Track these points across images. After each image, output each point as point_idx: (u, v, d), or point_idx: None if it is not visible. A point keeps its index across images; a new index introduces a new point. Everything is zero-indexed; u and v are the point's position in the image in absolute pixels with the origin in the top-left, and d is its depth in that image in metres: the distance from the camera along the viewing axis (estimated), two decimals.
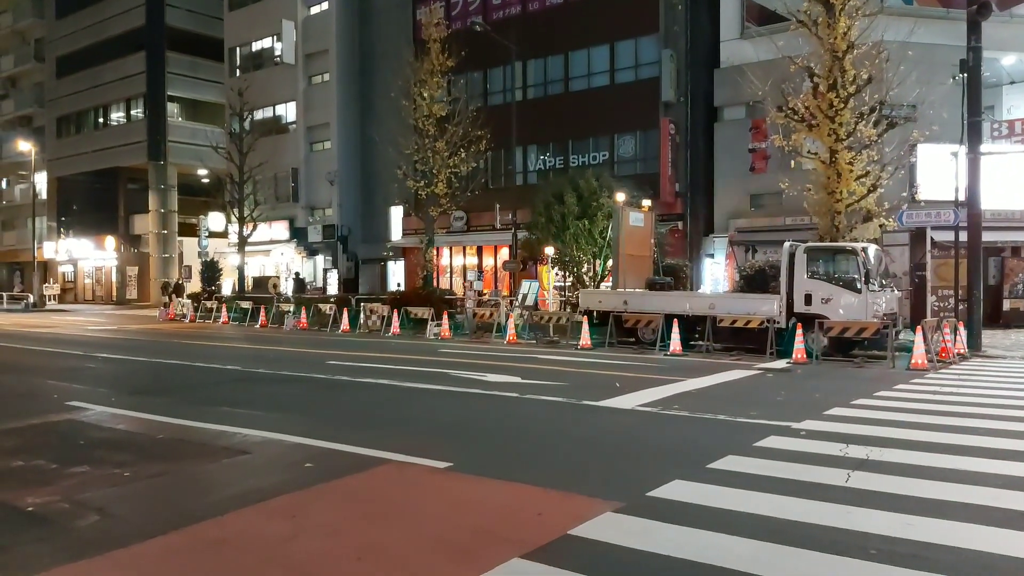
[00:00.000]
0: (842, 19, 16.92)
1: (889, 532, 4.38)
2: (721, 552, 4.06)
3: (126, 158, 45.08)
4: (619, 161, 27.99)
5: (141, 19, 43.70)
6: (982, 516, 4.69)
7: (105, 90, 46.47)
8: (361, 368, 12.79)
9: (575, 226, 21.66)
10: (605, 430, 7.68)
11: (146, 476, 5.82)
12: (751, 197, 25.52)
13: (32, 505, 5.03)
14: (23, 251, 50.29)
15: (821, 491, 5.21)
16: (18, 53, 54.25)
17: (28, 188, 46.04)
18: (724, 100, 26.28)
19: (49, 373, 12.44)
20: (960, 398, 9.45)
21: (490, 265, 31.10)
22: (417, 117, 25.53)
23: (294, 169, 38.00)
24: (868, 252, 14.65)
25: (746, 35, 25.31)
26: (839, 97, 16.93)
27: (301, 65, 37.64)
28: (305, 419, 8.20)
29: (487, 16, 30.36)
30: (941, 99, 20.08)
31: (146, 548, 4.23)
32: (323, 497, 5.24)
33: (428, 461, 6.11)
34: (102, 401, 9.25)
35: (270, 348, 17.13)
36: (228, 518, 4.74)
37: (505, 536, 4.39)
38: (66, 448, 6.76)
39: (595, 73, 28.74)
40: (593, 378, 11.55)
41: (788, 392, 10.24)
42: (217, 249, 36.63)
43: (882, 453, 6.32)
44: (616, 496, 5.07)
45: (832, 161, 17.20)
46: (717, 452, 6.31)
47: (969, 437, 6.99)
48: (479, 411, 8.92)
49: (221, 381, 11.61)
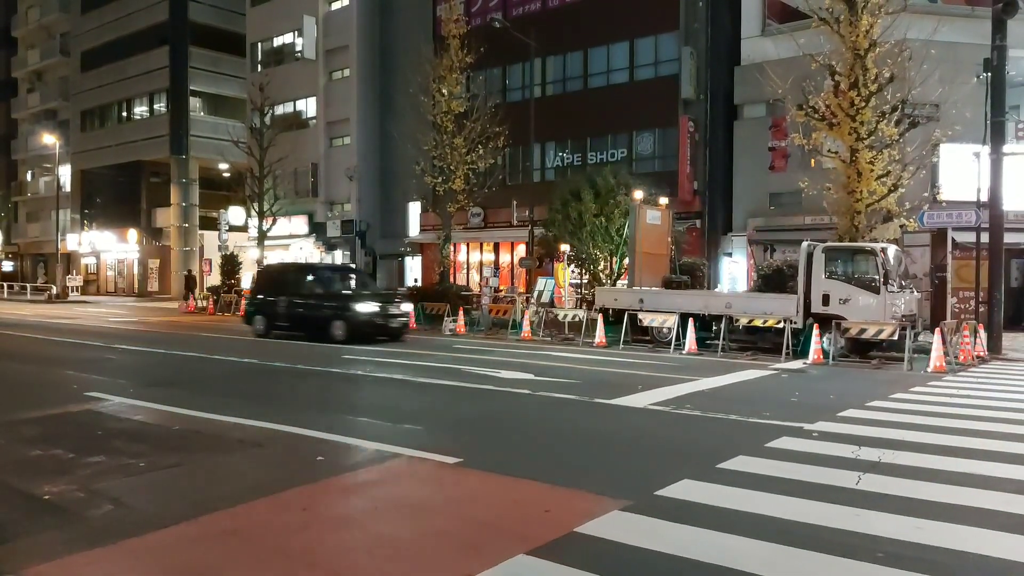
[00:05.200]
0: (864, 17, 16.72)
1: (898, 535, 4.36)
2: (727, 552, 4.06)
3: (149, 152, 45.58)
4: (637, 158, 27.90)
5: (165, 14, 44.14)
6: (992, 521, 4.65)
7: (129, 84, 47.01)
8: (375, 363, 12.86)
9: (592, 223, 21.61)
10: (616, 428, 7.68)
11: (161, 467, 5.91)
12: (770, 196, 25.33)
13: (48, 494, 5.13)
14: (47, 243, 51.02)
15: (831, 493, 5.19)
16: (44, 47, 54.96)
17: (52, 181, 46.63)
18: (744, 98, 26.10)
19: (70, 364, 12.63)
20: (976, 401, 9.35)
21: (507, 262, 31.14)
22: (436, 113, 25.56)
23: (314, 164, 38.24)
24: (888, 253, 14.50)
25: (767, 32, 25.12)
26: (860, 96, 16.74)
27: (322, 61, 37.84)
28: (318, 413, 8.27)
29: (507, 12, 30.36)
30: (965, 98, 19.81)
31: (158, 537, 4.30)
32: (334, 490, 5.30)
33: (439, 456, 6.15)
34: (121, 392, 9.39)
35: (287, 342, 17.26)
36: (240, 509, 4.81)
37: (512, 532, 4.42)
38: (84, 438, 6.87)
39: (614, 70, 28.67)
40: (607, 376, 11.55)
41: (802, 393, 10.18)
42: (237, 243, 36.87)
43: (895, 456, 6.28)
44: (624, 494, 5.08)
45: (852, 160, 17.02)
46: (728, 452, 6.29)
47: (983, 441, 6.92)
48: (491, 407, 8.96)
49: (237, 374, 11.73)
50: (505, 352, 15.04)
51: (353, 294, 17.63)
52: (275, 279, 19.51)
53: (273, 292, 18.45)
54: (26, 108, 56.76)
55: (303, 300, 17.74)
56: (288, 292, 18.11)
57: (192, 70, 44.32)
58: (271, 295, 18.41)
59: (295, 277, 19.09)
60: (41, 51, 55.25)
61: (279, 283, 18.81)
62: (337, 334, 16.41)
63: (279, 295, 18.14)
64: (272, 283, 19.13)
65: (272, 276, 20.23)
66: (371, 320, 16.56)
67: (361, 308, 16.68)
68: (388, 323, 16.89)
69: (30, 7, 55.74)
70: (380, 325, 16.72)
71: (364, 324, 16.47)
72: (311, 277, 18.67)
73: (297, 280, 18.68)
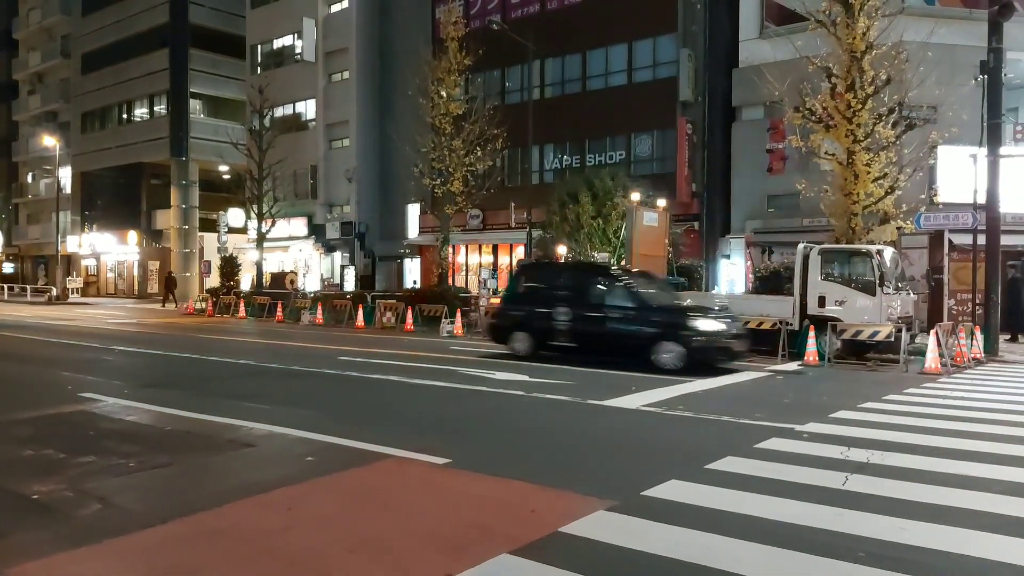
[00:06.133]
0: (861, 19, 16.76)
1: (882, 536, 4.37)
2: (709, 552, 4.08)
3: (149, 154, 45.66)
4: (636, 161, 27.94)
5: (165, 16, 44.24)
6: (978, 522, 4.66)
7: (129, 86, 47.12)
8: (371, 364, 12.88)
9: (590, 225, 21.66)
10: (607, 429, 7.70)
11: (151, 467, 5.93)
12: (768, 198, 25.36)
13: (37, 493, 5.14)
14: (47, 245, 51.08)
15: (817, 493, 5.20)
16: (45, 49, 55.09)
17: (53, 183, 46.69)
18: (742, 100, 26.13)
19: (66, 365, 12.65)
20: (969, 403, 9.35)
21: (506, 263, 31.16)
22: (434, 115, 25.61)
23: (313, 166, 38.33)
24: (884, 254, 14.52)
25: (765, 35, 25.16)
26: (857, 98, 16.78)
27: (321, 63, 37.92)
28: (311, 414, 8.29)
29: (506, 15, 30.44)
30: (962, 100, 19.83)
31: (144, 537, 4.32)
32: (321, 490, 5.31)
33: (428, 457, 6.17)
34: (115, 393, 9.41)
35: (284, 343, 17.30)
36: (227, 509, 4.82)
37: (497, 531, 4.44)
38: (76, 438, 6.89)
39: (613, 72, 28.73)
40: (600, 377, 11.56)
41: (796, 394, 10.19)
42: (237, 245, 36.97)
43: (883, 457, 6.29)
44: (611, 495, 5.10)
45: (849, 162, 17.05)
46: (717, 453, 6.30)
47: (974, 442, 6.93)
48: (483, 409, 8.97)
49: (233, 375, 11.75)
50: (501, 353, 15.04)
51: (688, 307, 13.57)
52: (548, 282, 14.79)
53: (543, 300, 13.96)
54: (27, 110, 56.87)
55: (601, 313, 13.25)
56: (572, 300, 13.55)
57: (192, 72, 44.42)
58: (540, 304, 13.93)
59: (584, 280, 14.27)
60: (42, 53, 55.38)
61: (554, 287, 14.26)
62: (665, 359, 12.17)
63: (555, 304, 13.57)
64: (542, 287, 14.70)
65: (543, 278, 15.44)
66: (715, 341, 12.36)
67: (703, 326, 12.39)
68: (732, 345, 12.68)
69: (31, 9, 55.87)
70: (724, 348, 12.54)
71: (706, 347, 12.27)
72: (617, 282, 13.78)
73: (588, 285, 14.00)
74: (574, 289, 13.89)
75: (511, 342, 14.23)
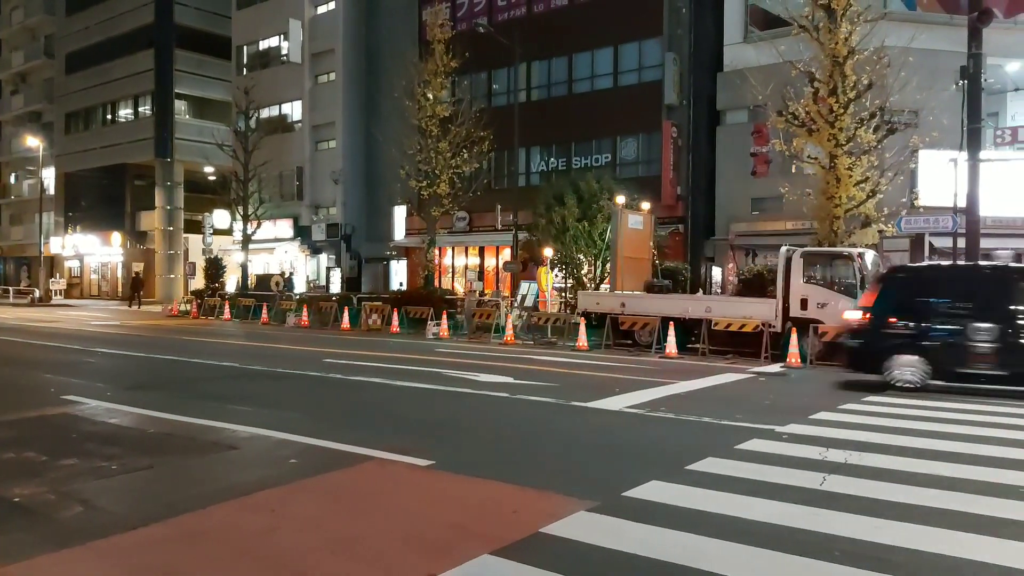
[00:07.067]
0: (843, 24, 16.94)
1: (856, 535, 4.44)
2: (687, 551, 4.14)
3: (134, 155, 45.33)
4: (621, 163, 28.06)
5: (150, 16, 43.94)
6: (952, 521, 4.75)
7: (114, 87, 46.77)
8: (356, 367, 12.88)
9: (575, 228, 21.74)
10: (590, 431, 7.75)
11: (133, 469, 5.93)
12: (752, 201, 25.53)
13: (19, 496, 5.14)
14: (30, 246, 50.61)
15: (794, 493, 5.28)
16: (28, 49, 54.59)
17: (36, 183, 46.35)
18: (727, 104, 26.32)
19: (49, 367, 12.58)
20: (947, 404, 9.48)
21: (492, 266, 31.20)
22: (421, 117, 25.62)
23: (299, 168, 38.19)
24: (865, 258, 14.68)
25: (749, 39, 25.35)
26: (839, 102, 16.95)
27: (307, 64, 37.80)
28: (295, 416, 8.29)
29: (492, 17, 30.49)
30: (943, 105, 20.08)
31: (125, 539, 4.33)
32: (304, 492, 5.34)
33: (411, 459, 6.20)
34: (98, 395, 9.37)
35: (269, 345, 17.25)
36: (209, 511, 4.84)
37: (478, 532, 4.48)
38: (58, 441, 6.87)
39: (598, 75, 28.84)
40: (585, 379, 11.62)
41: (777, 396, 10.29)
42: (222, 246, 36.80)
43: (861, 457, 6.38)
44: (592, 496, 5.15)
45: (832, 166, 17.21)
46: (697, 454, 6.37)
47: (950, 443, 7.04)
48: (467, 411, 9.01)
49: (217, 377, 11.72)
50: (486, 356, 15.09)
51: None
52: (943, 291, 11.04)
53: (940, 313, 10.69)
54: (10, 110, 56.31)
55: None
56: (994, 313, 10.25)
57: (178, 73, 44.11)
58: (939, 318, 10.65)
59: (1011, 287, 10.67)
60: (25, 53, 54.85)
61: (956, 296, 10.79)
62: None
63: (965, 319, 10.32)
64: (938, 297, 10.93)
65: (931, 286, 11.33)
66: None
67: None
68: None
69: (14, 8, 55.35)
70: None
71: None
72: None
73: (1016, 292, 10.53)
74: (993, 297, 10.55)
75: (890, 368, 10.88)
